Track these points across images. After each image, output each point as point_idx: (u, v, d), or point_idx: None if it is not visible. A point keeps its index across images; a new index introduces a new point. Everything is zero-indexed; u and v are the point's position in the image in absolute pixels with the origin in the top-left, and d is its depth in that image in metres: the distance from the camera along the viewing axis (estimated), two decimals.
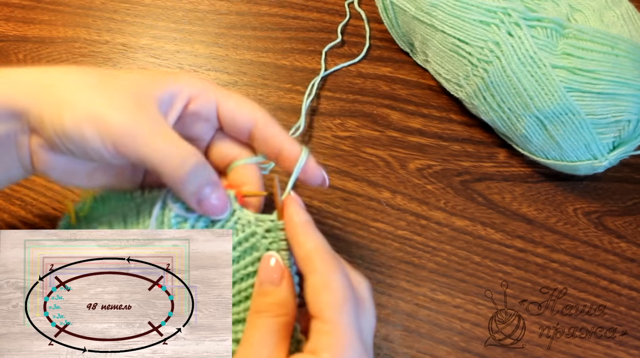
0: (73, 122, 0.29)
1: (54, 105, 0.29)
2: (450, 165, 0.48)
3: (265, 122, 0.33)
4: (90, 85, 0.30)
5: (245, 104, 0.34)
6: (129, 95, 0.30)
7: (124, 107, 0.29)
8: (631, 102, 0.40)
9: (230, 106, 0.33)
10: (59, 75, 0.30)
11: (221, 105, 0.33)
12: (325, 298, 0.27)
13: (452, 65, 0.45)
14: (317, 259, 0.29)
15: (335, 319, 0.27)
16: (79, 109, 0.29)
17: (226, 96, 0.33)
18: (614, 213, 0.46)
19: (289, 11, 0.57)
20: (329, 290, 0.28)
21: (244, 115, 0.33)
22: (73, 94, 0.29)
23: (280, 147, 0.33)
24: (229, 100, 0.33)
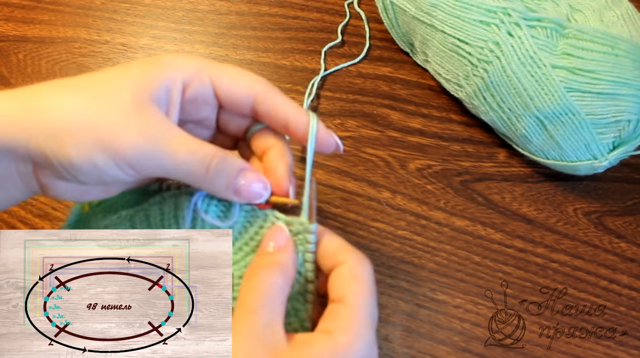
0: (80, 153, 0.26)
1: (53, 137, 0.26)
2: (450, 165, 0.48)
3: (265, 95, 0.31)
4: (83, 104, 0.27)
5: (241, 79, 0.31)
6: (127, 105, 0.28)
7: (129, 122, 0.27)
8: (631, 102, 0.40)
9: (225, 84, 0.31)
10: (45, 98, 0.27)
11: (216, 85, 0.31)
12: (352, 287, 0.29)
13: (452, 65, 0.45)
14: (349, 251, 0.30)
15: (358, 306, 0.28)
16: (82, 137, 0.26)
17: (219, 74, 0.31)
18: (614, 213, 0.46)
19: (289, 11, 0.57)
20: (357, 279, 0.29)
21: (242, 91, 0.31)
22: (69, 121, 0.27)
23: (286, 118, 0.31)
24: (223, 77, 0.31)
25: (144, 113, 0.28)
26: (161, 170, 0.28)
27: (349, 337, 0.27)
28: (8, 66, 0.54)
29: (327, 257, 0.30)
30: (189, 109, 0.31)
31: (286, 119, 0.31)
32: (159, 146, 0.27)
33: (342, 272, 0.29)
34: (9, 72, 0.54)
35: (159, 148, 0.27)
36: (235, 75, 0.31)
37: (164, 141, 0.28)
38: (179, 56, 0.31)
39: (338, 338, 0.27)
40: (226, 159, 0.30)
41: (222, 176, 0.29)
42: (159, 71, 0.29)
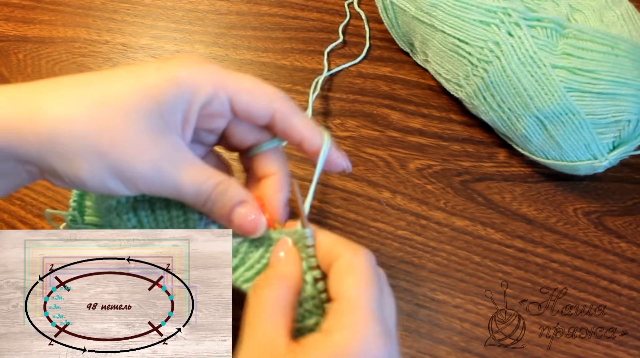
0: (92, 177, 0.27)
1: (67, 161, 0.27)
2: (450, 165, 0.48)
3: (283, 113, 0.31)
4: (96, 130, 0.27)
5: (260, 96, 0.31)
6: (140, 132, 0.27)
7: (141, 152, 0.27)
8: (631, 102, 0.40)
9: (244, 101, 0.31)
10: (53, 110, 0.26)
11: (235, 102, 0.31)
12: (348, 280, 0.27)
13: (452, 65, 0.45)
14: (342, 246, 0.29)
15: (357, 299, 0.27)
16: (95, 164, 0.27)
17: (238, 91, 0.30)
18: (614, 213, 0.46)
19: (289, 11, 0.57)
20: (353, 272, 0.28)
21: (260, 108, 0.31)
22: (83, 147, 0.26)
23: (301, 138, 0.32)
24: (242, 94, 0.30)
25: (156, 136, 0.28)
26: (165, 193, 0.29)
27: (344, 334, 0.26)
28: (8, 66, 0.54)
29: (323, 256, 0.30)
30: (202, 121, 0.31)
31: (301, 138, 0.32)
32: (167, 178, 0.28)
33: (337, 268, 0.28)
34: (9, 72, 0.54)
35: (166, 180, 0.28)
36: (254, 92, 0.31)
37: (173, 169, 0.28)
38: (194, 71, 0.29)
39: (333, 337, 0.26)
40: (226, 190, 0.30)
41: (221, 206, 0.30)
42: (175, 92, 0.28)
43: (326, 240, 0.30)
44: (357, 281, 0.27)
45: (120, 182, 0.28)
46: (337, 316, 0.27)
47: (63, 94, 0.27)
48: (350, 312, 0.26)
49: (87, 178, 0.27)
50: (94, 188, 0.28)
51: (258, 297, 0.28)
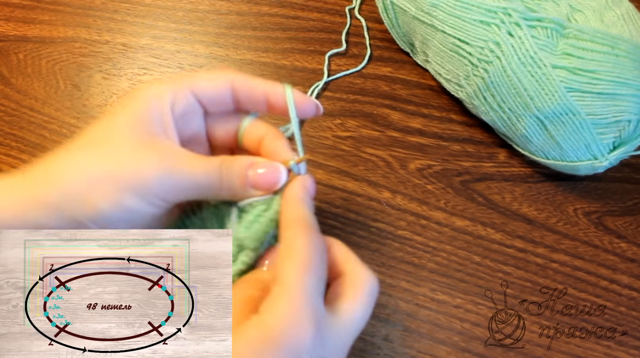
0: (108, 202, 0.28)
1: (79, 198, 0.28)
2: (450, 165, 0.48)
3: (241, 81, 0.33)
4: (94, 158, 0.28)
5: (216, 76, 0.33)
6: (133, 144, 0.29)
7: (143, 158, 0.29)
8: (631, 102, 0.40)
9: (204, 87, 0.32)
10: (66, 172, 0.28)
11: (197, 92, 0.32)
12: (284, 263, 0.27)
13: (452, 65, 0.45)
14: (288, 227, 0.29)
15: (289, 282, 0.26)
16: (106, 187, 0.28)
17: (196, 80, 0.32)
18: (614, 213, 0.46)
19: (289, 11, 0.57)
20: (290, 255, 0.27)
21: (220, 86, 0.32)
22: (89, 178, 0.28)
23: (264, 96, 0.33)
24: (201, 82, 0.32)
25: (151, 145, 0.29)
26: (184, 193, 0.30)
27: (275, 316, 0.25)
28: (8, 66, 0.54)
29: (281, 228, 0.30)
30: (180, 126, 0.32)
31: (265, 96, 0.33)
32: (178, 170, 0.29)
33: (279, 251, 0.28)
34: (9, 72, 0.54)
35: (179, 172, 0.29)
36: (211, 75, 0.33)
37: (180, 164, 0.29)
38: (153, 84, 0.31)
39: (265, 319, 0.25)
40: (233, 161, 0.31)
41: (235, 177, 0.31)
42: (143, 104, 0.30)
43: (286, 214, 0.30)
44: (291, 264, 0.27)
45: (137, 196, 0.28)
46: (269, 299, 0.26)
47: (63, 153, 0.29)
48: (280, 295, 0.26)
49: (103, 204, 0.28)
50: (114, 214, 0.28)
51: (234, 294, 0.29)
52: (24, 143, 0.50)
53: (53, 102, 0.52)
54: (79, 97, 0.52)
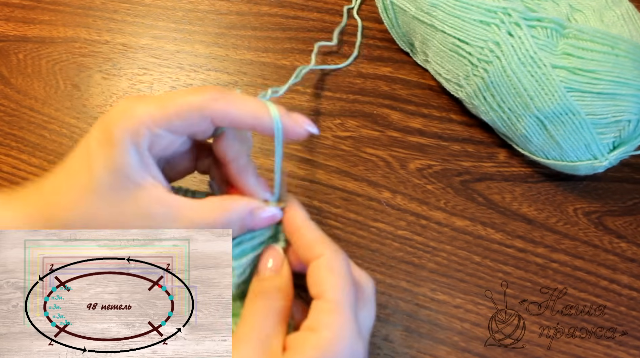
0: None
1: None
2: (450, 165, 0.48)
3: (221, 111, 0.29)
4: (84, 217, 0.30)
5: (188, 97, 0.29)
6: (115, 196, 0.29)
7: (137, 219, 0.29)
8: (631, 102, 0.40)
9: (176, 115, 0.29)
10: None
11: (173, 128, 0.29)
12: (329, 280, 0.29)
13: (452, 65, 0.45)
14: (323, 244, 0.30)
15: (338, 299, 0.28)
16: None
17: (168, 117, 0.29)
18: (614, 213, 0.46)
19: (289, 11, 0.57)
20: (333, 272, 0.29)
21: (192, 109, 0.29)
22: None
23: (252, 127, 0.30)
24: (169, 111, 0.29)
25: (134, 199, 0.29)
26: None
27: (333, 332, 0.27)
28: (8, 66, 0.54)
29: (305, 247, 0.31)
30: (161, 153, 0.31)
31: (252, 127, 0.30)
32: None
33: (317, 267, 0.30)
34: (9, 72, 0.54)
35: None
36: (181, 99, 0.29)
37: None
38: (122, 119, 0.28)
39: (323, 335, 0.27)
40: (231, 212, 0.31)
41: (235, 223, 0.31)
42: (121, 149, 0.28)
43: (312, 233, 0.31)
44: (336, 282, 0.29)
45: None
46: (321, 315, 0.28)
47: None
48: (333, 312, 0.28)
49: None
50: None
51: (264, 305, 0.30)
52: (24, 143, 0.50)
53: (53, 102, 0.52)
54: (79, 97, 0.52)
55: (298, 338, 0.28)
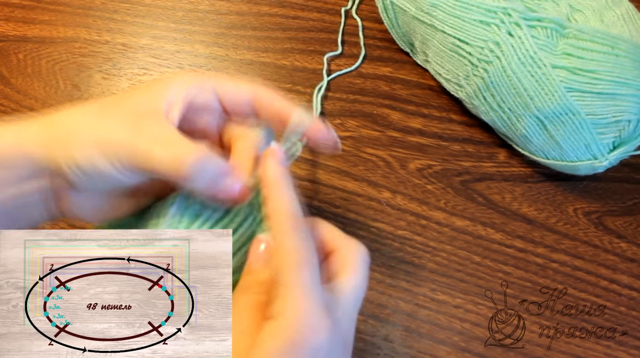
0: (82, 154, 0.29)
1: (62, 141, 0.30)
2: (450, 165, 0.48)
3: (265, 93, 0.33)
4: (88, 114, 0.31)
5: (243, 84, 0.33)
6: (129, 114, 0.30)
7: (123, 126, 0.30)
8: (631, 102, 0.40)
9: (229, 90, 0.33)
10: (64, 117, 0.31)
11: (221, 93, 0.33)
12: (279, 261, 0.28)
13: (452, 65, 0.45)
14: (274, 220, 0.29)
15: (290, 282, 0.27)
16: (84, 139, 0.29)
17: (223, 82, 0.33)
18: (614, 213, 0.46)
19: (289, 11, 0.57)
20: (282, 252, 0.28)
21: (243, 94, 0.33)
22: (78, 129, 0.30)
23: (279, 112, 0.33)
24: (227, 85, 0.33)
25: (140, 118, 0.30)
26: (145, 170, 0.30)
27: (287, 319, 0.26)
28: (8, 66, 0.54)
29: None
30: (192, 118, 0.33)
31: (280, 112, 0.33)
32: (139, 142, 0.29)
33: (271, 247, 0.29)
34: (9, 72, 0.54)
35: (138, 148, 0.29)
36: (237, 81, 0.33)
37: (145, 139, 0.29)
38: (187, 74, 0.33)
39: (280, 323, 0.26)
40: (211, 159, 0.30)
41: (202, 174, 0.30)
42: (163, 84, 0.32)
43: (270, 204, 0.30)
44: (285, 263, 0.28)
45: (109, 163, 0.29)
46: (277, 301, 0.27)
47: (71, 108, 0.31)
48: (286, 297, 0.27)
49: (78, 155, 0.29)
50: (85, 167, 0.29)
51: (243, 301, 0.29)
52: None
53: (53, 102, 0.52)
54: (79, 97, 0.52)
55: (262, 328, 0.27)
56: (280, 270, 0.27)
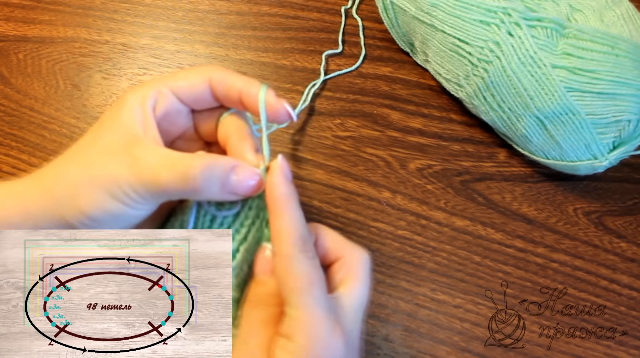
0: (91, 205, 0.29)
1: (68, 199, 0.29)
2: (450, 165, 0.48)
3: (218, 77, 0.32)
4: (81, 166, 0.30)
5: (193, 73, 0.33)
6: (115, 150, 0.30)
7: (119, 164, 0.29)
8: (631, 102, 0.40)
9: (183, 85, 0.32)
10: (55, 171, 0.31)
11: (177, 91, 0.32)
12: (289, 284, 0.28)
13: (452, 65, 0.45)
14: (280, 243, 0.29)
15: (300, 304, 0.27)
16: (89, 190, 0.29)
17: (175, 80, 0.32)
18: (614, 213, 0.46)
19: (289, 11, 0.57)
20: (291, 275, 0.28)
21: (197, 83, 0.32)
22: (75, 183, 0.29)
23: (238, 93, 0.32)
24: (179, 81, 0.32)
25: (128, 149, 0.30)
26: (157, 195, 0.30)
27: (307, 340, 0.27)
28: (8, 66, 0.54)
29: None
30: (166, 126, 0.33)
31: (239, 93, 0.32)
32: (143, 173, 0.29)
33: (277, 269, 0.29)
34: (9, 72, 0.54)
35: (143, 176, 0.29)
36: (188, 73, 0.33)
37: (145, 167, 0.29)
38: (135, 88, 0.32)
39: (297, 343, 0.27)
40: (212, 161, 0.30)
41: (211, 179, 0.30)
42: (126, 109, 0.31)
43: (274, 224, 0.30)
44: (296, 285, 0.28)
45: (115, 200, 0.29)
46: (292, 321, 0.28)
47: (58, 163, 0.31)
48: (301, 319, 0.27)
49: (90, 208, 0.29)
50: (102, 216, 0.29)
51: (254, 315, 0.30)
52: (23, 143, 0.50)
53: (53, 102, 0.52)
54: (79, 97, 0.52)
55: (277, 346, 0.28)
56: (290, 293, 0.28)
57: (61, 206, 0.29)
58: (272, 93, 0.32)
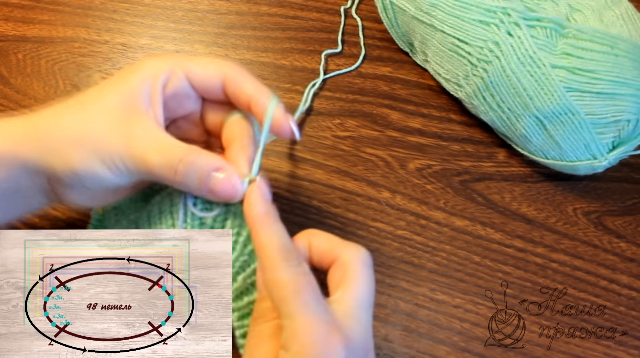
0: (81, 164, 0.30)
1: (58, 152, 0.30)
2: (449, 165, 0.48)
3: (233, 76, 0.33)
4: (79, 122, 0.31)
5: (211, 65, 0.33)
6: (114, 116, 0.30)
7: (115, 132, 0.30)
8: (631, 102, 0.40)
9: (198, 73, 0.33)
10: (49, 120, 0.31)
11: (190, 76, 0.33)
12: (277, 295, 0.28)
13: (451, 65, 0.45)
14: (263, 258, 0.29)
15: (291, 313, 0.27)
16: (81, 150, 0.30)
17: (192, 65, 0.33)
18: (614, 213, 0.46)
19: (288, 11, 0.57)
20: (276, 285, 0.28)
21: (212, 76, 0.33)
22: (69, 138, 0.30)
23: (248, 98, 0.32)
24: (196, 68, 0.33)
25: (128, 121, 0.30)
26: (144, 174, 0.31)
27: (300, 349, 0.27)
28: (7, 66, 0.54)
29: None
30: (172, 105, 0.33)
31: (249, 99, 0.32)
32: (135, 151, 0.30)
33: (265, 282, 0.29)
34: (8, 72, 0.54)
35: (135, 153, 0.30)
36: (206, 63, 0.33)
37: (139, 146, 0.30)
38: (153, 58, 0.33)
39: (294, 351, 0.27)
40: (199, 156, 0.30)
41: (193, 177, 0.30)
42: (138, 77, 0.31)
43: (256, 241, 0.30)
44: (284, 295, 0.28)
45: (104, 165, 0.30)
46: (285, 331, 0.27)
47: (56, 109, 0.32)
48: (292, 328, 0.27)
49: (77, 165, 0.30)
50: (85, 175, 0.30)
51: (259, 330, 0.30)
52: None
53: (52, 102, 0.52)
54: None
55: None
56: (279, 303, 0.28)
57: (52, 156, 0.30)
58: (280, 108, 0.32)
